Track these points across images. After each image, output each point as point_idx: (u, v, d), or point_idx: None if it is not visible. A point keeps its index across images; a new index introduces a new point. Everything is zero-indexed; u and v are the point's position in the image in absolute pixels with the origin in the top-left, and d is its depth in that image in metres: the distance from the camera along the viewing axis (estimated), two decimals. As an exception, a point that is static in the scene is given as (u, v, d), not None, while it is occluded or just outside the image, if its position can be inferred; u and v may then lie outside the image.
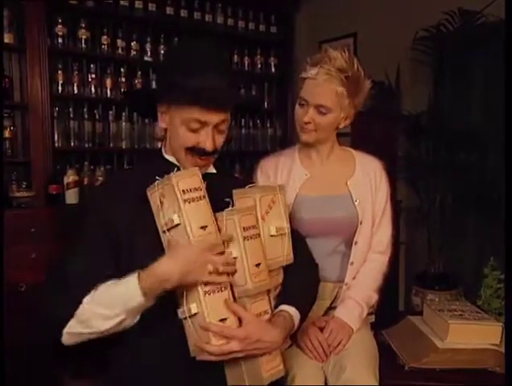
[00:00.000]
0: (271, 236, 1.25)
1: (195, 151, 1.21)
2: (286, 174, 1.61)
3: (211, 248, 1.11)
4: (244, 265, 1.15)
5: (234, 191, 1.25)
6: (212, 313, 1.11)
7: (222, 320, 1.12)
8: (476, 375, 1.43)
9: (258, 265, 1.17)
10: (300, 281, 1.32)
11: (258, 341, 1.13)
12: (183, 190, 1.10)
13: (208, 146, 1.20)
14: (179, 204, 1.09)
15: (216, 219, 1.16)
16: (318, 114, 1.49)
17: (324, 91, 1.46)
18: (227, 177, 1.47)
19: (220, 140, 1.23)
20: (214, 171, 1.34)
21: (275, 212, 1.27)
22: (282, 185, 1.35)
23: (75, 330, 1.12)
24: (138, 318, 1.12)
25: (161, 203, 1.12)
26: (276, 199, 1.28)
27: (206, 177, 1.21)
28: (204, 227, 1.11)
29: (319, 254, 1.52)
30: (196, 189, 1.13)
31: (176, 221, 1.10)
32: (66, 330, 1.12)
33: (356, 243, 1.56)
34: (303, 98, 1.51)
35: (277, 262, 1.26)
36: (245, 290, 1.16)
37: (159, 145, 1.37)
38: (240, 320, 1.15)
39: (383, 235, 1.62)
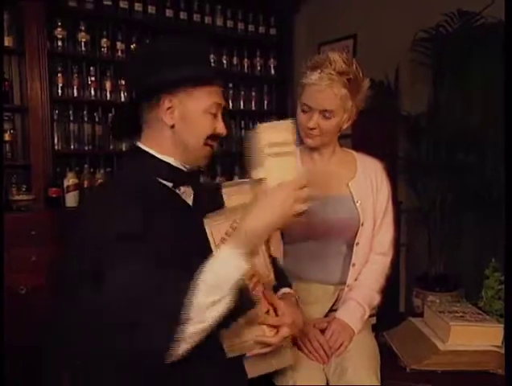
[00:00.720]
0: None
1: (213, 138, 1.22)
2: None
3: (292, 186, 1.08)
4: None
5: (224, 191, 1.19)
6: (260, 306, 1.16)
7: (266, 312, 1.19)
8: (478, 378, 1.43)
9: None
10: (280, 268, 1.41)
11: (297, 323, 1.24)
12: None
13: (224, 130, 1.23)
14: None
15: None
16: (323, 119, 1.49)
17: (328, 96, 1.45)
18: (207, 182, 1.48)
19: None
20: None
21: None
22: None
23: (186, 334, 0.99)
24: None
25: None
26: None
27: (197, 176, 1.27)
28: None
29: (320, 256, 1.51)
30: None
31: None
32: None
33: (357, 244, 1.56)
34: (307, 104, 1.49)
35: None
36: (270, 281, 1.22)
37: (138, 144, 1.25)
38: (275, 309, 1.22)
39: (385, 236, 1.62)
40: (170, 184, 1.21)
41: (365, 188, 1.58)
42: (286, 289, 1.37)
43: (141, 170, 1.21)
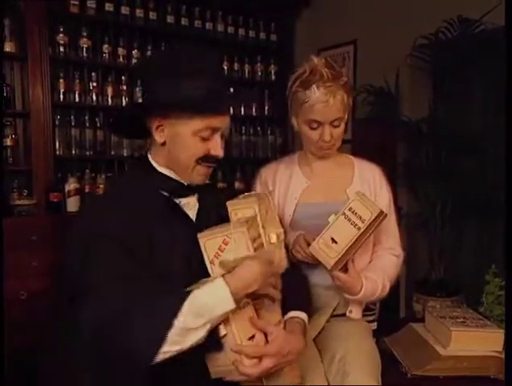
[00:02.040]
0: (271, 243, 1.23)
1: (206, 160, 1.18)
2: (285, 183, 1.62)
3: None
4: None
5: (228, 203, 1.22)
6: (242, 332, 1.10)
7: (251, 338, 1.12)
8: (479, 383, 1.43)
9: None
10: (296, 285, 1.34)
11: (288, 353, 1.14)
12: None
13: (220, 153, 1.19)
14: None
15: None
16: (333, 128, 1.50)
17: (335, 106, 1.46)
18: (211, 187, 1.43)
19: (223, 146, 1.22)
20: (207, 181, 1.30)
21: (271, 219, 1.26)
22: (266, 193, 1.35)
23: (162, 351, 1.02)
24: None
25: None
26: (269, 207, 1.27)
27: (200, 188, 1.23)
28: None
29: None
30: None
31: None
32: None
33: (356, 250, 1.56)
34: (316, 120, 1.48)
35: (279, 267, 1.25)
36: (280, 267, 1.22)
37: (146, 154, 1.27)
38: (265, 335, 1.14)
39: (389, 239, 1.62)
40: (167, 195, 1.20)
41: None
42: (294, 313, 1.28)
43: (142, 179, 1.22)
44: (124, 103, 3.13)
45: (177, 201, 1.22)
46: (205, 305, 1.02)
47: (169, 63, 1.16)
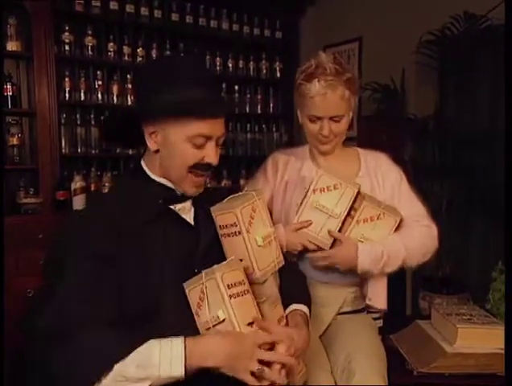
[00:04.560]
0: (259, 246, 1.21)
1: (199, 168, 1.16)
2: (295, 173, 1.63)
3: (261, 344, 1.07)
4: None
5: (212, 209, 1.20)
6: (240, 318, 1.08)
7: (250, 324, 1.10)
8: (485, 380, 1.42)
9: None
10: (295, 278, 1.36)
11: (295, 351, 1.13)
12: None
13: (214, 160, 1.16)
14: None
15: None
16: (333, 123, 1.51)
17: (334, 102, 1.47)
18: (209, 190, 1.40)
19: (218, 153, 1.19)
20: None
21: (258, 220, 1.23)
22: (259, 190, 1.31)
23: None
24: None
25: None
26: (256, 207, 1.23)
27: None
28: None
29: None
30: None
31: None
32: None
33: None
34: (315, 115, 1.50)
35: (271, 268, 1.24)
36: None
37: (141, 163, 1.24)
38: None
39: (413, 209, 1.57)
40: (162, 202, 1.18)
41: (370, 181, 1.59)
42: (296, 306, 1.28)
43: (136, 187, 1.20)
44: (129, 101, 3.14)
45: (172, 207, 1.20)
46: (153, 358, 0.97)
47: (163, 69, 1.15)
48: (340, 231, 1.49)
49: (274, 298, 1.23)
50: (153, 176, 1.20)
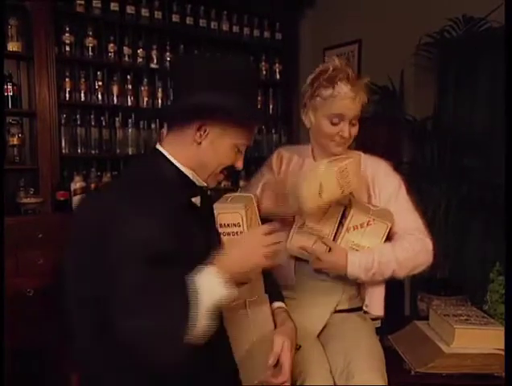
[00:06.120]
0: None
1: (230, 169, 1.23)
2: (297, 169, 1.66)
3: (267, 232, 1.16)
4: None
5: (215, 206, 1.25)
6: None
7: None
8: (482, 380, 1.44)
9: None
10: (270, 277, 1.44)
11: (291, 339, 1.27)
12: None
13: (241, 167, 1.24)
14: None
15: None
16: (351, 126, 1.55)
17: (359, 103, 1.53)
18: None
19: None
20: None
21: (255, 223, 1.29)
22: (255, 195, 1.38)
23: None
24: None
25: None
26: (254, 210, 1.29)
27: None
28: None
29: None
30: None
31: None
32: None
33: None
34: (340, 114, 1.52)
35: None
36: None
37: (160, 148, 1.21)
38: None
39: (408, 221, 1.58)
40: (182, 195, 1.19)
41: (367, 193, 1.61)
42: (278, 304, 1.40)
43: (158, 175, 1.18)
44: (129, 102, 3.15)
45: (193, 200, 1.23)
46: (201, 295, 1.02)
47: (217, 68, 1.17)
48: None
49: (263, 297, 1.31)
50: (179, 165, 1.19)
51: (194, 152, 1.17)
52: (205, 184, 1.23)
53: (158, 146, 1.21)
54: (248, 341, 1.21)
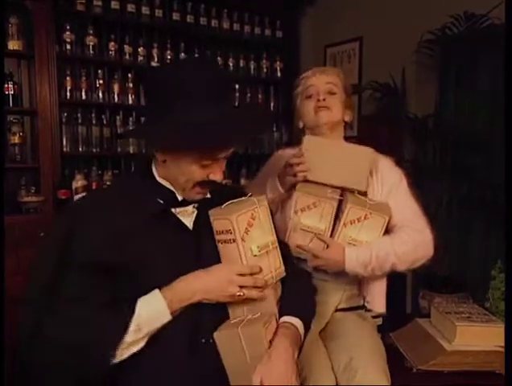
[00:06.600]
0: (254, 256, 1.16)
1: (204, 184, 1.16)
2: None
3: (237, 272, 1.13)
4: None
5: (210, 212, 1.18)
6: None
7: None
8: (484, 378, 1.43)
9: None
10: (295, 290, 1.28)
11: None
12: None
13: (220, 177, 1.16)
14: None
15: None
16: (328, 94, 1.60)
17: (329, 75, 1.63)
18: (224, 188, 1.39)
19: (224, 167, 1.19)
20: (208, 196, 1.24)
21: (257, 228, 1.18)
22: (262, 197, 1.25)
23: None
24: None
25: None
26: (256, 214, 1.19)
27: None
28: None
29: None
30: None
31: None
32: None
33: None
34: (311, 84, 1.62)
35: (267, 279, 1.18)
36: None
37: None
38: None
39: (407, 214, 1.56)
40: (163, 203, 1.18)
41: (371, 187, 1.59)
42: (286, 318, 1.21)
43: (139, 187, 1.20)
44: (130, 100, 3.15)
45: (173, 210, 1.19)
46: (144, 319, 1.05)
47: (170, 87, 1.08)
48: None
49: (268, 316, 1.16)
50: (158, 178, 1.19)
51: (165, 169, 1.18)
52: (188, 198, 1.19)
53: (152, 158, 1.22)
54: (240, 362, 1.11)
